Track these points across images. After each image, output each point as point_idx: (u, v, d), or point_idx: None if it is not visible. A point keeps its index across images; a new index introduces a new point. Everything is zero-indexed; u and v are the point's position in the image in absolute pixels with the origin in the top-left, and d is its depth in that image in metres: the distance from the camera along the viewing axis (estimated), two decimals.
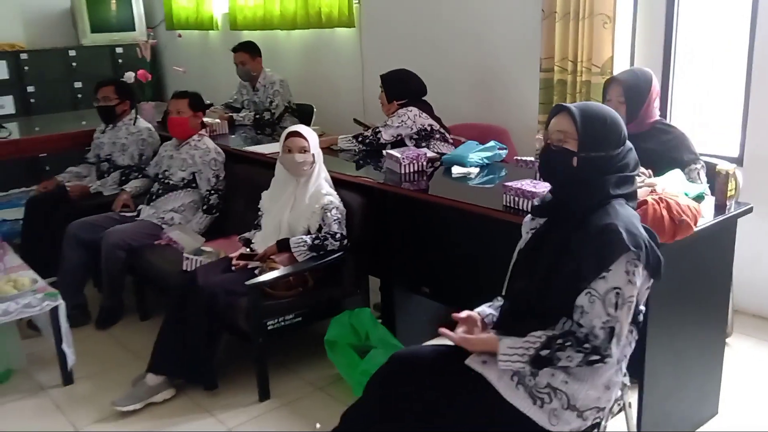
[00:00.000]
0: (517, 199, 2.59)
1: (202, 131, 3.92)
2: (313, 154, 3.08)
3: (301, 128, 3.13)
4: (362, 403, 2.05)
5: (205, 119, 4.05)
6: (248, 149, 4.02)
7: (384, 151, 3.39)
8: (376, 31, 5.10)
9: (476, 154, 3.23)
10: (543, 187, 2.53)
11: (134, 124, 4.28)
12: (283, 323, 2.97)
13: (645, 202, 2.18)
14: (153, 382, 2.95)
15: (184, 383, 3.01)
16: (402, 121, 3.63)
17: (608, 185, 1.88)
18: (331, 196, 3.07)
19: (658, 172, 2.57)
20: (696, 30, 3.66)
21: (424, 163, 3.26)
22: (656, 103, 2.90)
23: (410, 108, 3.64)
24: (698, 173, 2.74)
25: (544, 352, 1.79)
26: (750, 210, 2.54)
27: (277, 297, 2.98)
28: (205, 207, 3.76)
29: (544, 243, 1.97)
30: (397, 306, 3.21)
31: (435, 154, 3.40)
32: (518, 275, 2.04)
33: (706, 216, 2.40)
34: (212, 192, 3.76)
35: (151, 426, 2.82)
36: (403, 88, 3.71)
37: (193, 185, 3.78)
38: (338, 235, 3.01)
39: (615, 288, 1.78)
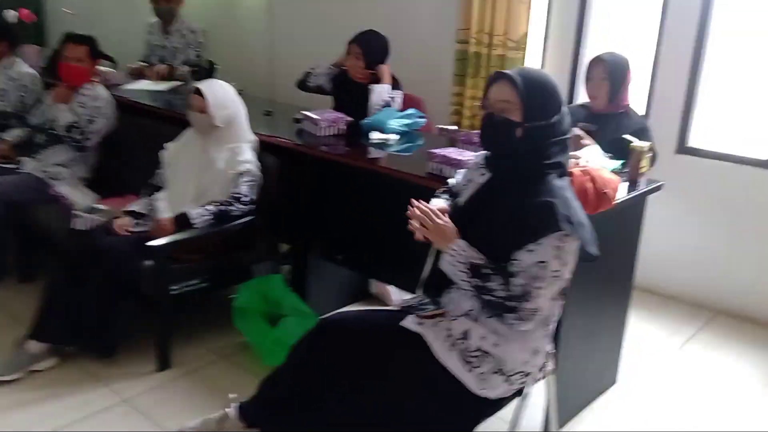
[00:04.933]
0: (442, 166, 2.55)
1: (95, 79, 3.60)
2: (211, 116, 2.83)
3: (205, 86, 2.88)
4: (286, 370, 1.95)
5: (99, 67, 3.73)
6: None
7: (301, 112, 3.25)
8: None
9: (396, 120, 3.16)
10: (469, 155, 2.51)
11: (14, 68, 3.85)
12: (187, 288, 2.80)
13: (572, 173, 2.20)
14: (35, 350, 2.71)
15: (75, 351, 2.78)
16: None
17: (548, 152, 1.86)
18: (250, 164, 2.87)
19: (617, 154, 2.61)
20: (610, 12, 3.76)
21: (343, 127, 3.15)
22: (629, 89, 2.99)
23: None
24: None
25: (484, 269, 1.79)
26: (659, 188, 2.64)
27: (180, 260, 2.79)
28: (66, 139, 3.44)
29: (485, 201, 1.94)
30: (309, 273, 3.10)
31: (351, 119, 3.29)
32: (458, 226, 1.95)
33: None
34: (75, 127, 3.42)
35: (37, 396, 2.58)
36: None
37: None
38: (246, 199, 2.84)
39: (541, 261, 1.77)
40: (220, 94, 2.87)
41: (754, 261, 3.41)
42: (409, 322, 1.87)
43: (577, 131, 2.68)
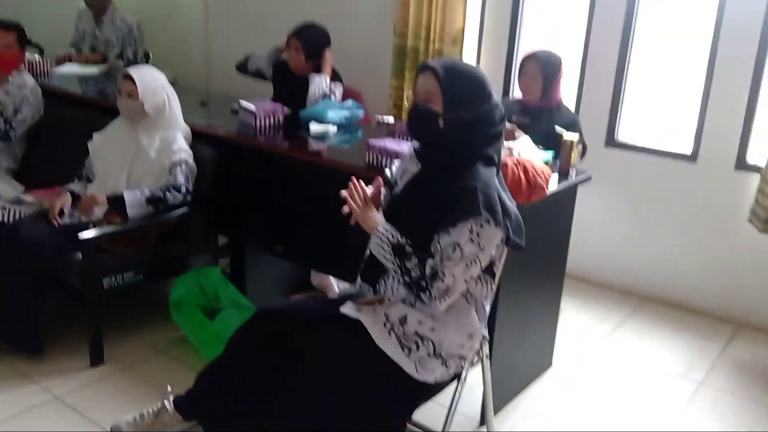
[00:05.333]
0: (380, 157, 2.58)
1: (21, 66, 3.48)
2: (144, 103, 2.77)
3: (136, 71, 2.83)
4: (223, 361, 1.93)
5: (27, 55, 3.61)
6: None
7: (238, 102, 3.21)
8: None
9: (335, 112, 3.16)
10: (406, 146, 2.53)
11: None
12: (121, 281, 2.73)
13: (505, 164, 2.26)
14: None
15: (3, 349, 2.67)
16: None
17: (476, 143, 1.89)
18: (185, 153, 2.82)
19: (549, 147, 2.67)
20: (543, 9, 3.87)
21: (281, 118, 3.14)
22: (561, 84, 3.10)
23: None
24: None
25: (406, 249, 1.84)
26: (589, 179, 2.74)
27: (113, 252, 2.72)
28: None
29: (416, 190, 1.97)
30: (247, 265, 3.07)
31: (290, 110, 3.28)
32: (390, 217, 1.99)
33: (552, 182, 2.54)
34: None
35: None
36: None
37: None
38: (182, 188, 2.79)
39: (455, 243, 1.81)
40: (151, 80, 2.81)
41: (678, 249, 3.57)
42: (348, 309, 1.89)
43: (509, 125, 2.75)
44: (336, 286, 3.30)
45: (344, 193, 1.93)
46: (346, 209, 1.92)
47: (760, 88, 3.23)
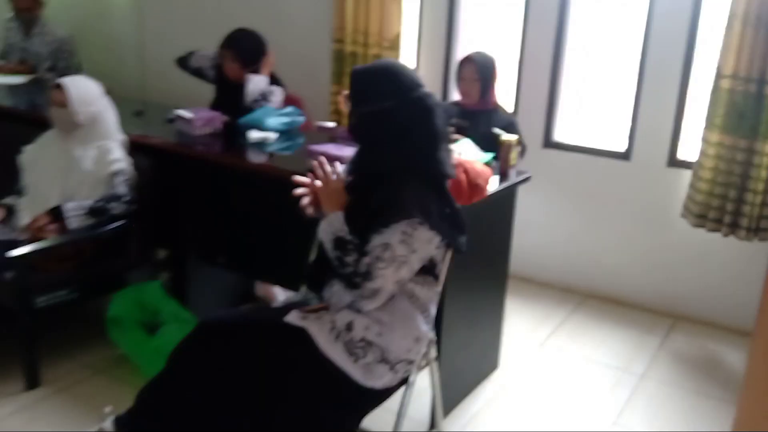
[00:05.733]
0: None
1: None
2: (73, 112, 2.69)
3: (67, 80, 2.75)
4: (165, 376, 1.87)
5: None
6: None
7: (174, 112, 3.14)
8: None
9: (275, 118, 3.13)
10: (348, 151, 2.53)
11: None
12: (55, 300, 2.63)
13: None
14: None
15: None
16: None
17: (392, 138, 1.89)
18: (123, 162, 2.75)
19: (488, 149, 2.69)
20: (478, 13, 3.92)
21: (219, 126, 3.08)
22: (497, 86, 3.18)
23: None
24: None
25: (348, 244, 1.87)
26: (528, 179, 2.78)
27: (48, 270, 2.62)
28: None
29: (352, 192, 1.98)
30: (189, 278, 3.00)
31: (228, 118, 3.22)
32: None
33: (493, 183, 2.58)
34: None
35: None
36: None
37: None
38: (125, 198, 2.72)
39: (386, 243, 1.82)
40: (83, 90, 2.74)
41: (615, 246, 3.66)
42: (293, 317, 1.86)
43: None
44: (280, 295, 3.26)
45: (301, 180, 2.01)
46: (298, 191, 1.97)
47: (688, 87, 3.35)
